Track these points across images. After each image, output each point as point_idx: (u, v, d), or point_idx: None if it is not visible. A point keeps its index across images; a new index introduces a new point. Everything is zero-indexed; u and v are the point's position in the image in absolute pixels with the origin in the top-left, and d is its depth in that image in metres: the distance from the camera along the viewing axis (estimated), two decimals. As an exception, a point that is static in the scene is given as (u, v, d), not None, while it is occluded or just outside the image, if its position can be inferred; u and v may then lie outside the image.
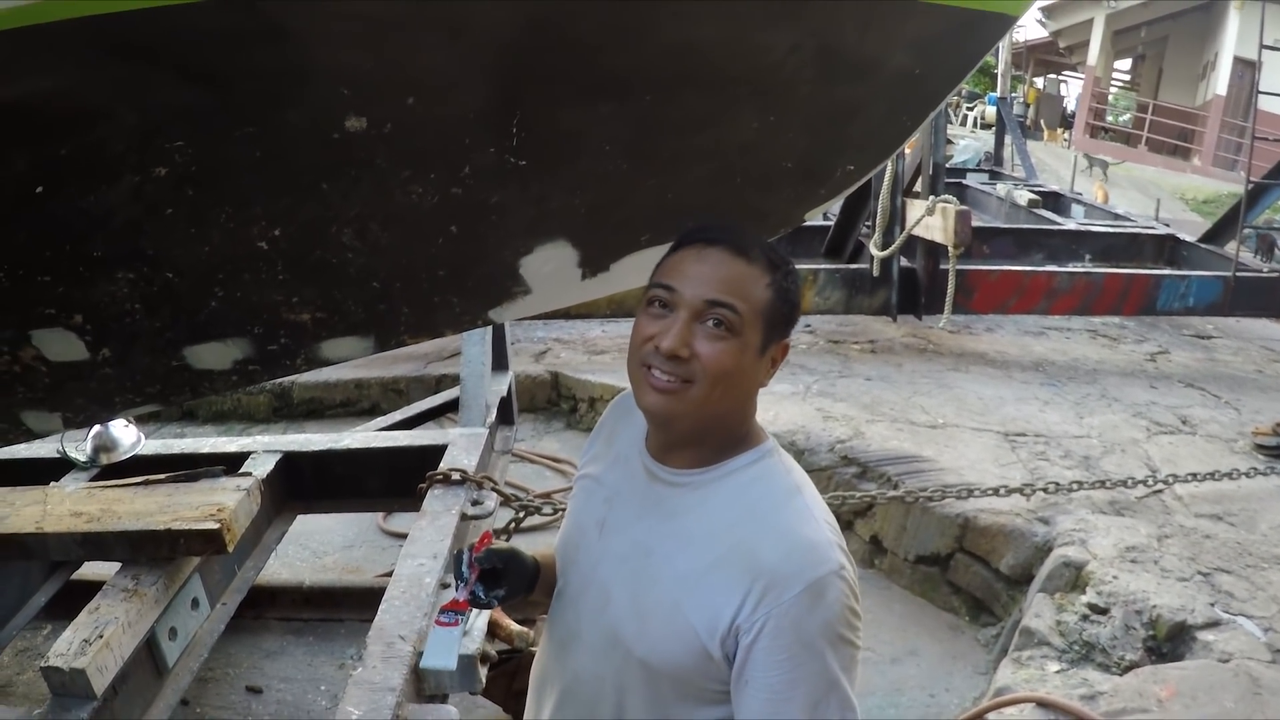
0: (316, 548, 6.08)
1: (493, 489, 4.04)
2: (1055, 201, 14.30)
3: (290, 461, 4.16)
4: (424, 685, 2.85)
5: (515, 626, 3.25)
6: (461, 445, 4.27)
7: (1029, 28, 42.60)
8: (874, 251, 8.93)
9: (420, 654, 2.88)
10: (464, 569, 2.10)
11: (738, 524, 1.84)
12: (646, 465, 1.99)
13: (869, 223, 9.26)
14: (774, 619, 1.74)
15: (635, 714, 1.95)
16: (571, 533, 2.13)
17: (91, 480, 3.80)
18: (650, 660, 1.88)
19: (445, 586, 3.20)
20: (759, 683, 1.77)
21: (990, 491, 5.51)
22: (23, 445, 3.45)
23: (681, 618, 1.83)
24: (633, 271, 2.33)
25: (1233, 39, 27.63)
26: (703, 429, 1.88)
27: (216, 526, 3.18)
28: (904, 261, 9.11)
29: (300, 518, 4.33)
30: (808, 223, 3.67)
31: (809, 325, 9.58)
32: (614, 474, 2.09)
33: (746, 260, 1.81)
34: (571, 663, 2.06)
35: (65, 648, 2.79)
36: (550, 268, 2.21)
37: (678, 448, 1.94)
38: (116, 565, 3.26)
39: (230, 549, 3.26)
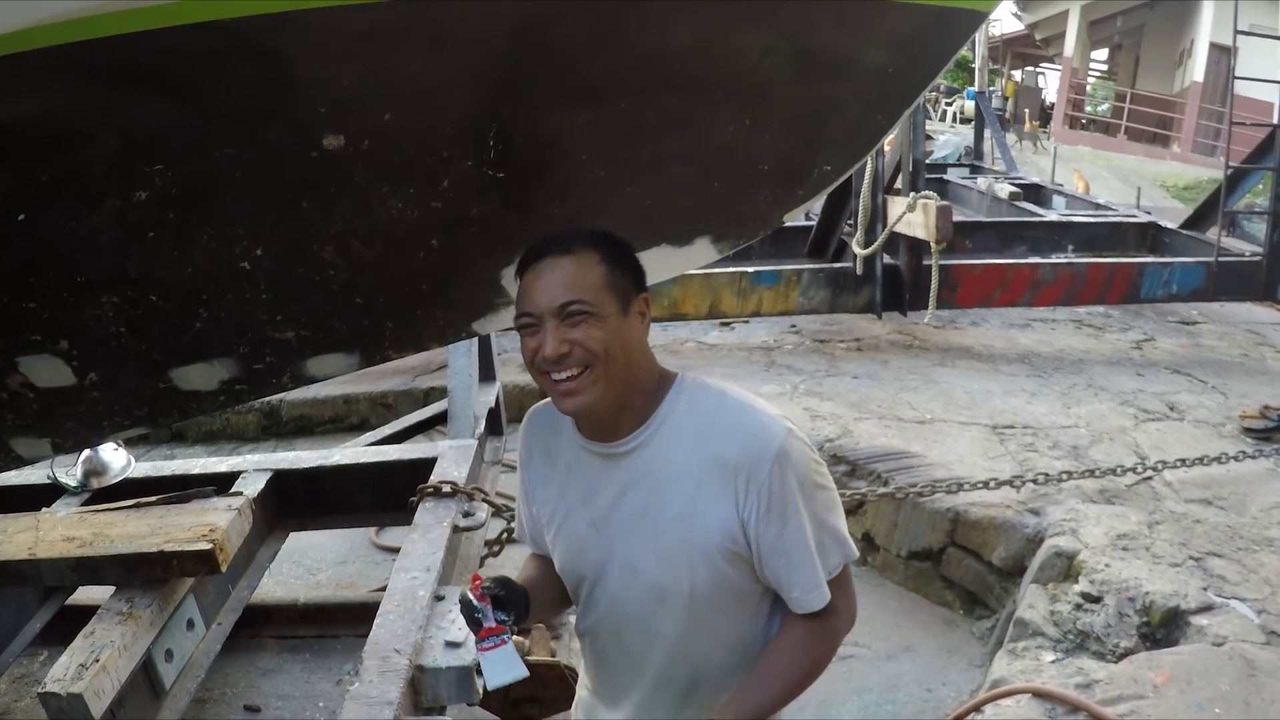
0: (310, 564, 6.07)
1: (484, 500, 4.04)
2: (1036, 193, 14.32)
3: (281, 479, 4.16)
4: (421, 698, 2.86)
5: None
6: (451, 457, 4.28)
7: (1005, 21, 42.65)
8: (857, 250, 8.95)
9: (420, 666, 2.89)
10: (475, 603, 2.18)
11: (695, 449, 2.08)
12: (595, 452, 2.17)
13: (851, 221, 9.28)
14: (762, 497, 2.02)
15: (714, 650, 2.20)
16: (570, 550, 2.27)
17: (83, 505, 3.80)
18: (698, 592, 2.11)
19: (440, 599, 3.20)
20: (770, 552, 2.06)
21: (980, 485, 5.52)
22: (13, 472, 3.45)
23: (701, 545, 2.07)
24: (614, 278, 2.33)
25: (1208, 25, 27.70)
26: (622, 394, 2.07)
27: (209, 547, 3.19)
28: (887, 259, 9.13)
29: (293, 535, 4.34)
30: (790, 223, 3.69)
31: (795, 325, 9.61)
32: (572, 477, 2.23)
33: (572, 255, 1.99)
34: (624, 650, 2.27)
35: (62, 673, 2.79)
36: (533, 277, 2.21)
37: (613, 422, 2.12)
38: (111, 589, 3.27)
39: (223, 569, 3.27)
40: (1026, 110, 35.26)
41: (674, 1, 1.88)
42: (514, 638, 3.28)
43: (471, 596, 2.18)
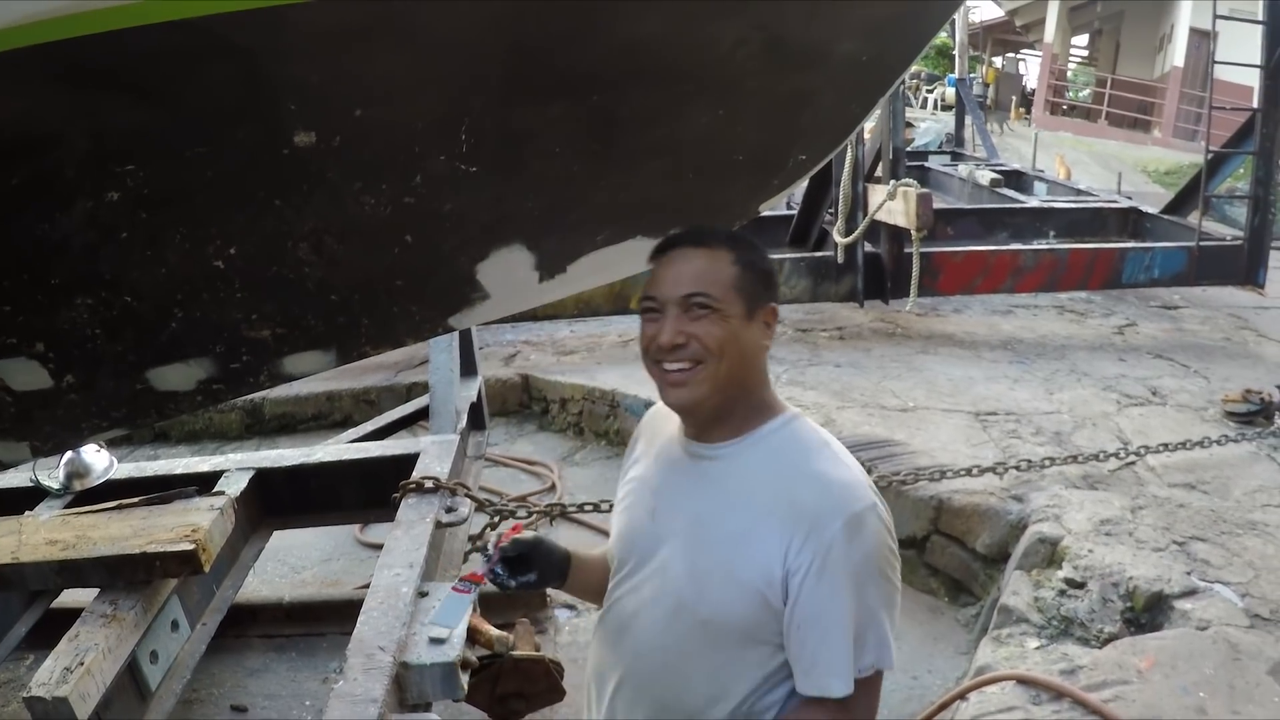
0: (295, 563, 6.06)
1: (466, 495, 4.04)
2: (1018, 180, 14.38)
3: (263, 478, 4.15)
4: (406, 695, 2.85)
5: (495, 632, 3.26)
6: (433, 453, 4.27)
7: (985, 7, 42.70)
8: (838, 238, 8.97)
9: (404, 663, 2.88)
10: (489, 548, 2.35)
11: (775, 479, 2.02)
12: (687, 449, 2.16)
13: (832, 210, 9.29)
14: (818, 556, 1.92)
15: (699, 680, 2.09)
16: (624, 529, 2.28)
17: (66, 507, 3.79)
18: (713, 618, 2.03)
19: (423, 595, 3.20)
20: (806, 617, 1.95)
21: (963, 472, 5.53)
22: (-6, 475, 3.45)
23: (737, 573, 2.00)
24: (591, 272, 2.34)
25: (1188, 10, 27.80)
26: (728, 399, 2.06)
27: (192, 547, 3.18)
28: (868, 247, 9.15)
29: (277, 533, 4.32)
30: (771, 213, 3.68)
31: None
32: (658, 466, 2.25)
33: (707, 249, 2.01)
34: (631, 643, 2.20)
35: (47, 677, 2.78)
36: (507, 272, 2.22)
37: (711, 424, 2.10)
38: (95, 591, 3.26)
39: (207, 569, 3.26)
40: (1013, 98, 35.32)
41: (644, -6, 1.88)
42: (497, 632, 3.30)
43: (494, 538, 2.35)
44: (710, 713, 2.10)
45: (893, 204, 8.43)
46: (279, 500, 4.21)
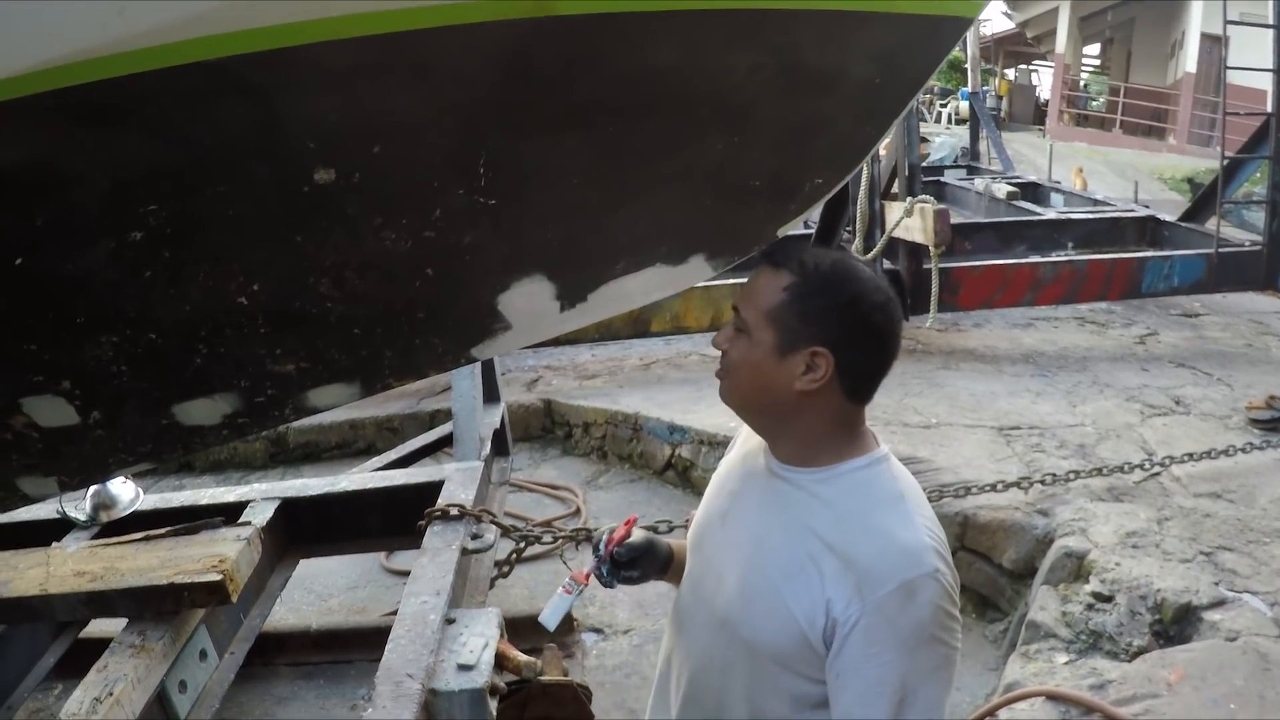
0: (321, 591, 6.08)
1: (492, 521, 4.05)
2: (1034, 192, 14.37)
3: (289, 507, 4.17)
4: (434, 721, 2.87)
5: (522, 657, 3.27)
6: (458, 480, 4.29)
7: (996, 20, 42.78)
8: (856, 256, 8.95)
9: (433, 689, 2.89)
10: (599, 548, 2.48)
11: (841, 522, 1.99)
12: (768, 463, 2.16)
13: (849, 228, 9.29)
14: (867, 615, 1.87)
15: (738, 693, 2.11)
16: (700, 524, 2.33)
17: (93, 539, 3.82)
18: (755, 641, 2.05)
19: (450, 622, 3.21)
20: (850, 675, 1.91)
21: (988, 488, 5.53)
22: (21, 509, 3.47)
23: (783, 604, 1.98)
24: (611, 300, 2.34)
25: (1199, 16, 27.73)
26: (767, 423, 2.13)
27: (219, 577, 3.20)
28: (887, 264, 9.14)
29: (303, 562, 4.35)
30: (789, 233, 3.69)
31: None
32: (739, 471, 2.27)
33: (774, 267, 2.03)
34: (687, 641, 2.27)
35: (76, 707, 2.80)
36: (528, 303, 2.22)
37: (772, 439, 2.15)
38: (123, 622, 3.28)
39: (234, 598, 3.28)
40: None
41: (658, 23, 1.89)
42: (525, 658, 3.31)
43: (606, 536, 2.48)
44: None
45: (910, 221, 8.44)
46: (305, 529, 4.24)
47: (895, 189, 9.07)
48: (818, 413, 2.05)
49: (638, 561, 2.45)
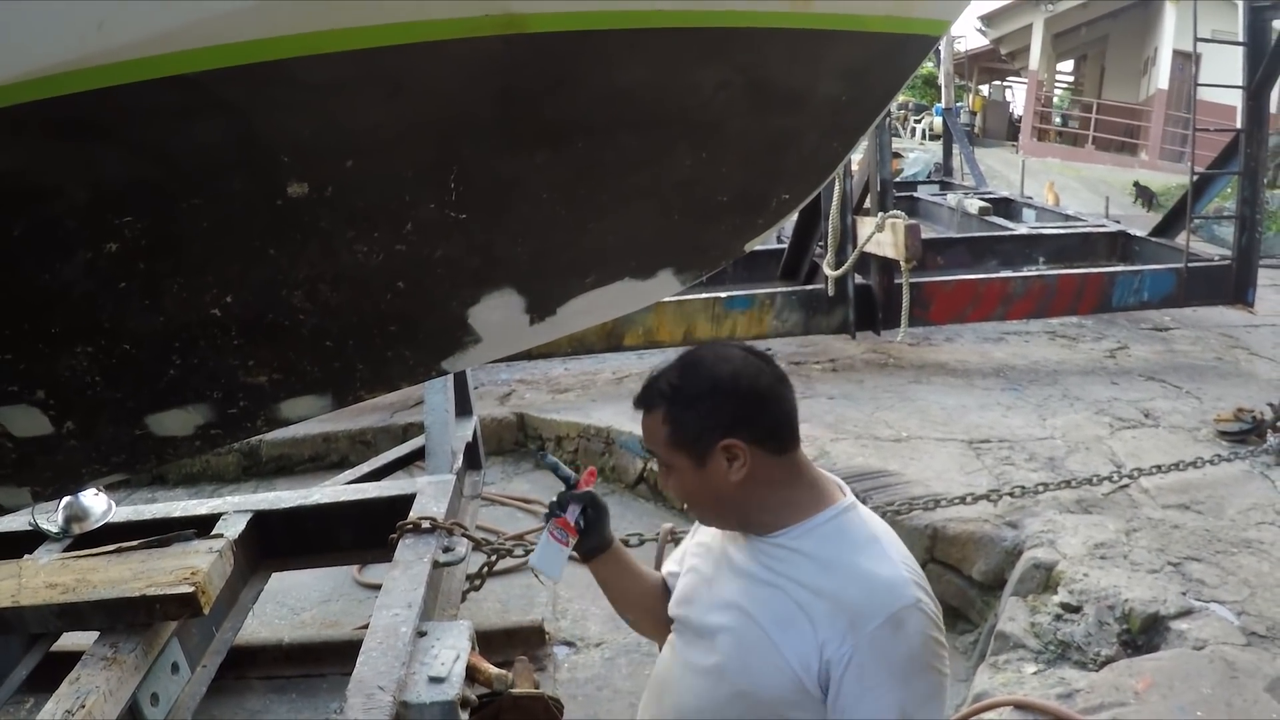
0: (294, 604, 6.07)
1: (464, 534, 4.07)
2: (1006, 207, 14.45)
3: (261, 520, 4.17)
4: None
5: (494, 670, 3.29)
6: (430, 493, 4.30)
7: (970, 37, 42.92)
8: (828, 271, 8.99)
9: (404, 702, 2.91)
10: (569, 495, 2.57)
11: (824, 570, 2.06)
12: (747, 536, 2.22)
13: (821, 243, 9.32)
14: (859, 651, 1.94)
15: None
16: (684, 592, 2.38)
17: (65, 551, 3.81)
18: (751, 691, 2.09)
19: (422, 634, 3.22)
20: (850, 711, 1.96)
21: (957, 500, 5.55)
22: (-8, 521, 3.47)
23: (778, 655, 2.03)
24: (581, 314, 2.37)
25: (1170, 33, 27.96)
26: (742, 520, 2.20)
27: (191, 590, 3.21)
28: (859, 279, 9.17)
29: (276, 575, 4.35)
30: (761, 247, 3.72)
31: (769, 349, 9.63)
32: (722, 538, 2.31)
33: (648, 410, 2.18)
34: (674, 701, 2.30)
35: (48, 719, 2.80)
36: (498, 316, 2.24)
37: (746, 527, 2.21)
38: (95, 634, 3.28)
39: (206, 611, 3.28)
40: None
41: (626, 42, 1.91)
42: (496, 670, 3.33)
43: (577, 482, 2.59)
44: None
45: (881, 236, 8.47)
46: (277, 542, 4.24)
47: (867, 204, 9.09)
48: (765, 486, 2.13)
49: (592, 522, 2.57)
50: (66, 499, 3.98)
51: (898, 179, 14.39)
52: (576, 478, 2.61)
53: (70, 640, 3.96)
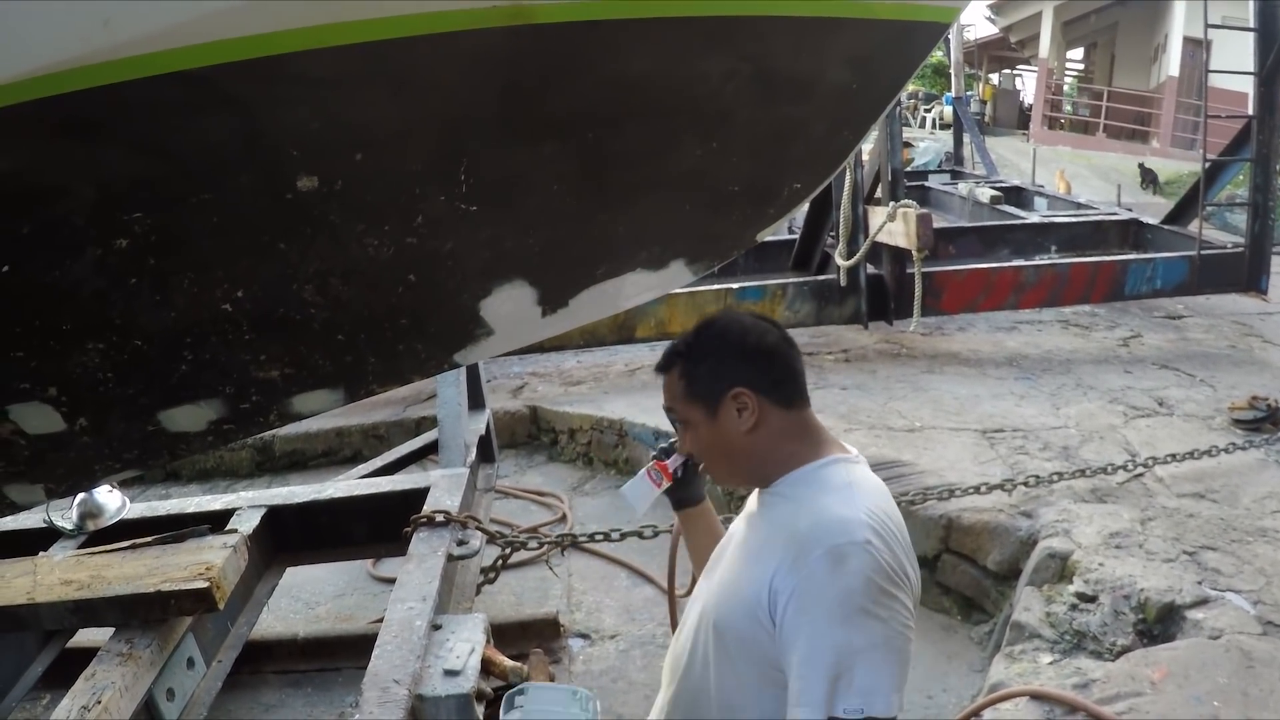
0: (309, 598, 6.07)
1: (477, 528, 4.06)
2: (1017, 196, 14.38)
3: (275, 515, 4.17)
4: (421, 727, 2.88)
5: (509, 663, 3.28)
6: (443, 487, 4.30)
7: (979, 25, 42.87)
8: (840, 261, 8.96)
9: (419, 695, 2.91)
10: (673, 447, 2.61)
11: (788, 508, 2.16)
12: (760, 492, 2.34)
13: (833, 233, 9.30)
14: (800, 583, 1.98)
15: (711, 694, 2.22)
16: (720, 546, 2.45)
17: (79, 547, 3.82)
18: (719, 624, 2.18)
19: (437, 628, 3.22)
20: (789, 646, 1.99)
21: (972, 490, 5.54)
22: (8, 517, 3.47)
23: (740, 586, 2.14)
24: (592, 305, 2.37)
25: (1181, 20, 27.81)
26: (751, 471, 2.30)
27: (206, 585, 3.21)
28: (871, 269, 9.14)
29: (290, 570, 4.35)
30: (773, 238, 3.71)
31: (786, 337, 9.61)
32: (745, 511, 2.42)
33: (665, 371, 2.27)
34: (676, 647, 2.40)
35: (64, 715, 2.81)
36: (510, 308, 2.24)
37: (763, 481, 2.30)
38: (110, 630, 3.28)
39: (221, 606, 3.28)
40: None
41: (633, 31, 1.91)
42: (511, 663, 3.32)
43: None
44: None
45: (893, 225, 8.44)
46: (291, 537, 4.24)
47: (878, 194, 9.06)
48: (773, 437, 2.23)
49: (690, 482, 2.65)
50: (80, 496, 3.99)
51: (908, 168, 14.33)
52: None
53: (85, 637, 3.98)
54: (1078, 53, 41.40)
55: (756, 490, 2.34)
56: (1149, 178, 24.26)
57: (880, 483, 2.27)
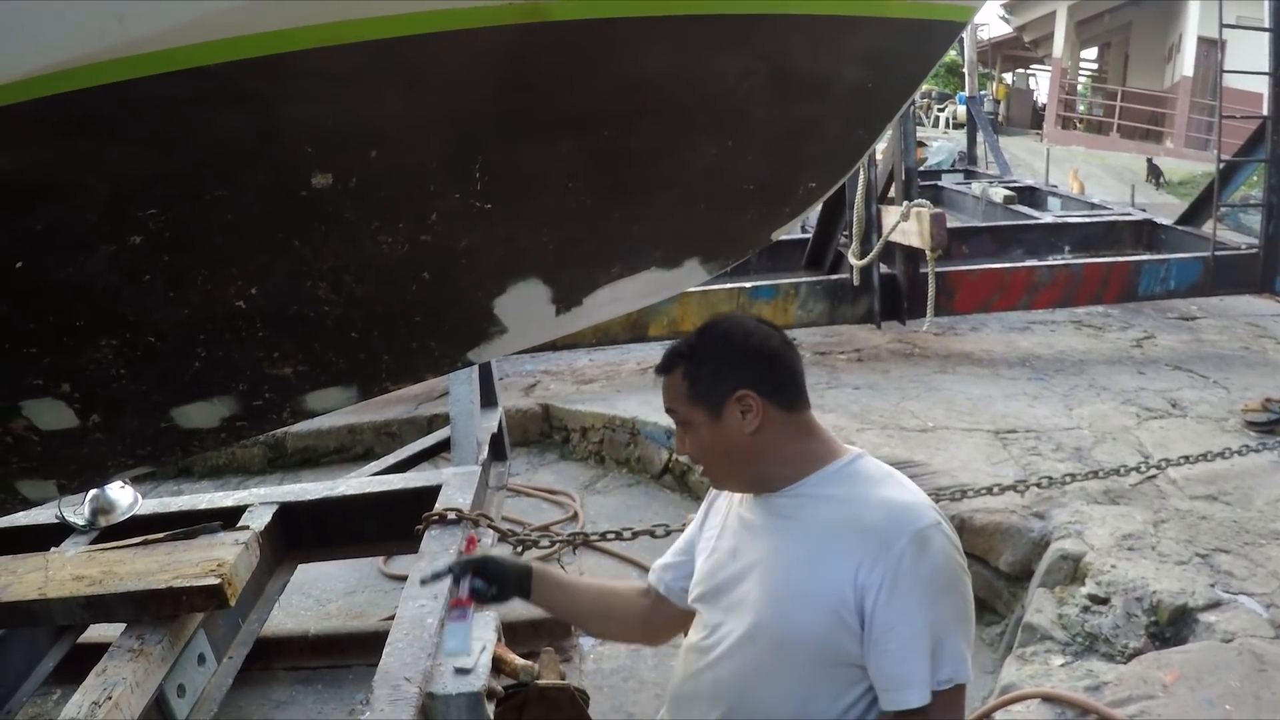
0: (320, 596, 6.08)
1: (489, 526, 4.07)
2: (1031, 196, 14.38)
3: (287, 512, 4.18)
4: (432, 725, 2.88)
5: (520, 661, 3.28)
6: (455, 484, 4.30)
7: (993, 24, 42.72)
8: (853, 261, 8.94)
9: (430, 693, 2.91)
10: (452, 572, 2.59)
11: (843, 506, 2.18)
12: (762, 497, 2.32)
13: (846, 232, 9.29)
14: (889, 573, 2.03)
15: (779, 703, 2.19)
16: (706, 573, 2.42)
17: (91, 543, 3.83)
18: (789, 637, 2.15)
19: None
20: (885, 636, 2.05)
21: (984, 491, 5.52)
22: (20, 512, 3.48)
23: (812, 593, 2.12)
24: (606, 304, 2.37)
25: (1195, 20, 27.73)
26: (755, 477, 2.30)
27: (217, 582, 3.21)
28: (884, 268, 9.11)
29: (302, 567, 4.36)
30: (787, 237, 3.70)
31: (794, 338, 9.59)
32: (735, 513, 2.40)
33: (666, 372, 2.29)
34: (713, 674, 2.30)
35: (75, 711, 2.81)
36: (524, 306, 2.24)
37: (762, 485, 2.31)
38: (121, 626, 3.29)
39: (232, 603, 3.29)
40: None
41: (650, 29, 1.90)
42: (522, 661, 3.32)
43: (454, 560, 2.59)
44: None
45: (906, 225, 8.43)
46: (303, 534, 4.25)
47: (892, 193, 9.04)
48: (777, 438, 2.26)
49: (488, 573, 2.58)
50: (93, 492, 4.00)
51: (922, 168, 14.31)
52: (451, 564, 2.66)
53: (97, 632, 3.98)
54: (1092, 52, 41.28)
55: (752, 498, 2.33)
56: (1154, 172, 24.93)
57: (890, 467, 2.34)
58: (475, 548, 2.67)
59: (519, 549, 4.67)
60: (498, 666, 3.17)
